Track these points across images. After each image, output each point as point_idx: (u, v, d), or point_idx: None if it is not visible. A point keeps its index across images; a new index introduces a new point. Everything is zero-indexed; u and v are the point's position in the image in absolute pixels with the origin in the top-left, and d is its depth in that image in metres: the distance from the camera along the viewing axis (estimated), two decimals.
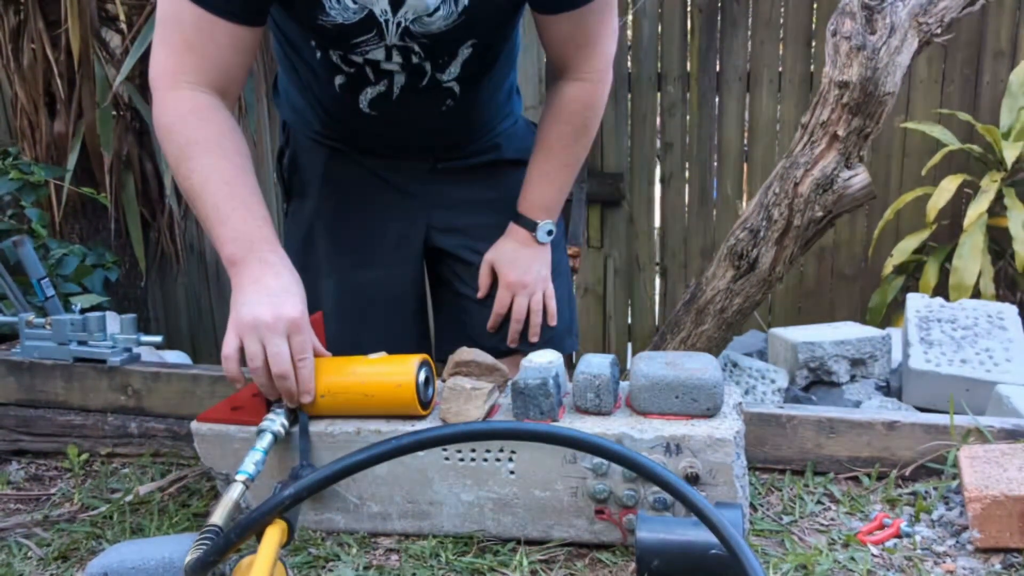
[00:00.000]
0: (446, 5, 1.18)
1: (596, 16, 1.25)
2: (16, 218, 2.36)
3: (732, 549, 0.80)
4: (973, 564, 0.98)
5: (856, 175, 2.01)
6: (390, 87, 1.29)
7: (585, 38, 1.27)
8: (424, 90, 1.30)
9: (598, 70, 1.32)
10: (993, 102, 3.23)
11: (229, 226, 1.07)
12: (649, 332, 3.64)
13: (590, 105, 1.34)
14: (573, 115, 1.34)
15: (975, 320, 2.27)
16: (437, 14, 1.18)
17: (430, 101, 1.33)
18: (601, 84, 1.33)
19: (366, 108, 1.31)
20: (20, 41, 2.78)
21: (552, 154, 1.37)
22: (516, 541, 1.06)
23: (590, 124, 1.37)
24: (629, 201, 3.60)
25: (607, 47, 1.31)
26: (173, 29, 1.12)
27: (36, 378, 1.44)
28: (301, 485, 0.88)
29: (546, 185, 1.38)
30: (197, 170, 1.09)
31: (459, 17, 1.19)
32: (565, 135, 1.36)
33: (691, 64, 3.46)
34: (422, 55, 1.25)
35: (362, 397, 1.07)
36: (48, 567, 1.08)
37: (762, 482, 1.19)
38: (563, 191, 1.40)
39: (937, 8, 1.97)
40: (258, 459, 0.99)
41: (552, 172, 1.38)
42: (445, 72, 1.29)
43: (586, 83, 1.32)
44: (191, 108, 1.11)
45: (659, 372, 1.03)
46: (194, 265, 3.85)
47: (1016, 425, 1.18)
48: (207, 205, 1.08)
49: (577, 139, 1.37)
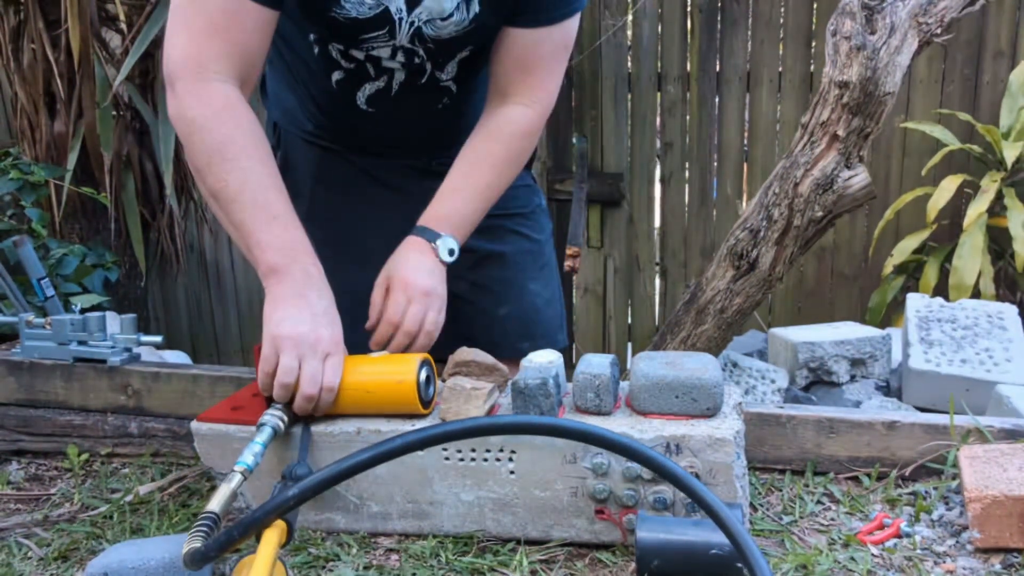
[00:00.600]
0: (459, 11, 1.19)
1: (553, 44, 1.26)
2: (16, 218, 2.36)
3: (740, 547, 0.80)
4: (973, 564, 0.98)
5: (856, 175, 2.01)
6: (389, 83, 1.28)
7: (537, 62, 1.27)
8: (422, 88, 1.31)
9: (541, 100, 1.28)
10: (993, 102, 3.23)
11: (272, 233, 1.06)
12: (649, 332, 3.64)
13: (528, 133, 1.29)
14: (511, 138, 1.28)
15: (975, 320, 2.27)
16: (451, 19, 1.19)
17: (427, 99, 1.33)
18: (541, 117, 1.29)
19: (363, 104, 1.30)
20: (20, 41, 2.78)
21: (476, 171, 1.26)
22: (516, 541, 1.06)
23: (523, 154, 1.30)
24: (629, 201, 3.60)
25: (552, 82, 1.29)
26: (197, 11, 1.07)
27: (36, 378, 1.44)
28: (305, 485, 0.88)
29: (460, 202, 1.24)
30: (234, 172, 1.06)
31: (470, 24, 1.21)
32: (496, 155, 1.27)
33: (691, 64, 3.46)
34: (425, 56, 1.26)
35: (364, 394, 1.07)
36: (48, 567, 1.08)
37: (762, 482, 1.19)
38: (477, 213, 1.26)
39: (937, 8, 1.97)
40: (257, 451, 0.99)
41: (470, 189, 1.25)
42: (443, 71, 1.30)
43: (528, 109, 1.28)
44: (224, 104, 1.07)
45: (659, 372, 1.03)
46: (194, 265, 3.85)
47: (1016, 425, 1.18)
48: (245, 210, 1.05)
49: (507, 164, 1.28)
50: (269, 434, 1.02)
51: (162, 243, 3.24)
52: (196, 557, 0.84)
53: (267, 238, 1.06)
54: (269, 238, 1.06)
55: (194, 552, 0.84)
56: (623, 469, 1.00)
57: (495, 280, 1.49)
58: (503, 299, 1.49)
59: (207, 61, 1.08)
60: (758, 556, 0.78)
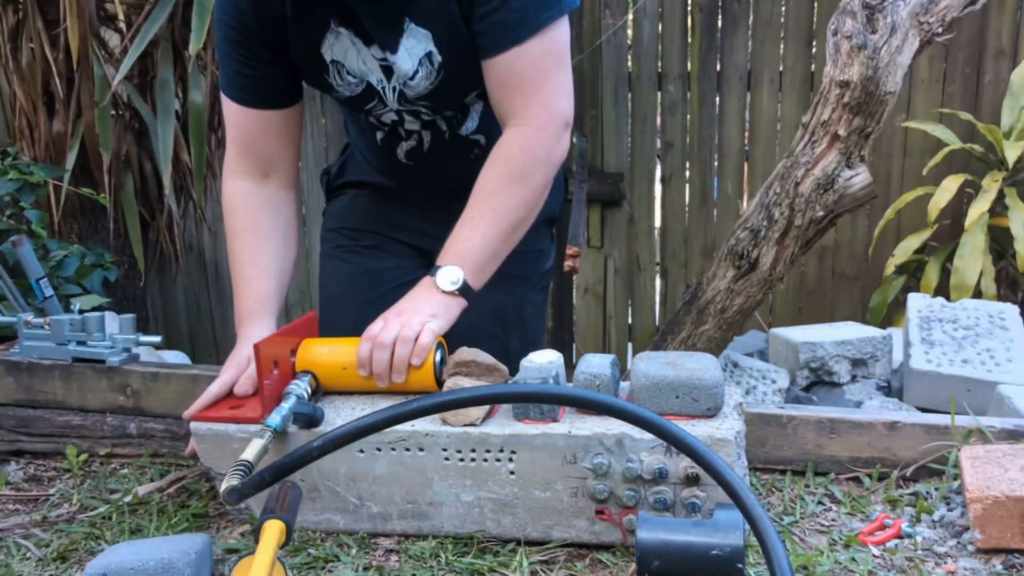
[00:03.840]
0: (423, 67, 1.29)
1: (531, 60, 1.23)
2: (15, 218, 2.35)
3: (759, 530, 0.81)
4: (974, 565, 0.98)
5: (857, 175, 2.00)
6: (420, 142, 1.43)
7: (520, 82, 1.24)
8: (450, 143, 1.42)
9: (538, 116, 1.25)
10: (994, 101, 3.22)
11: (236, 301, 1.32)
12: (649, 332, 3.64)
13: (527, 149, 1.25)
14: (509, 158, 1.25)
15: (976, 320, 2.27)
16: (418, 76, 1.29)
17: (458, 151, 1.42)
18: (542, 131, 1.26)
19: (403, 159, 1.46)
20: (19, 40, 2.78)
21: (478, 199, 1.25)
22: (516, 542, 1.06)
23: (529, 172, 1.26)
24: (629, 201, 3.60)
25: (549, 98, 1.26)
26: (227, 126, 1.36)
27: (35, 378, 1.43)
28: (329, 437, 0.96)
29: (468, 230, 1.24)
30: (231, 252, 1.35)
31: (438, 74, 1.29)
32: (497, 178, 1.25)
33: (691, 63, 3.46)
34: (429, 113, 1.37)
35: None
36: (47, 568, 1.08)
37: (763, 482, 1.19)
38: (488, 242, 1.23)
39: (938, 7, 1.97)
40: (284, 414, 1.06)
41: (477, 218, 1.24)
42: (462, 127, 1.41)
43: (523, 127, 1.26)
44: (229, 198, 1.35)
45: (659, 372, 1.03)
46: (193, 265, 3.85)
47: (1017, 425, 1.17)
48: (233, 276, 1.34)
49: (510, 184, 1.25)
50: (294, 401, 1.08)
51: (161, 243, 3.23)
52: (233, 492, 0.97)
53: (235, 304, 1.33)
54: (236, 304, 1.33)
55: (231, 489, 0.97)
56: (623, 469, 1.00)
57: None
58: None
59: (230, 162, 1.36)
60: (778, 546, 0.78)
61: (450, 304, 1.19)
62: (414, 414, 0.96)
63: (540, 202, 1.30)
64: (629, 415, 0.92)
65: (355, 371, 1.14)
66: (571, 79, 1.30)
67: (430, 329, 1.13)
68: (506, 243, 1.26)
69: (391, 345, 1.12)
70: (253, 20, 1.26)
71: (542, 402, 1.02)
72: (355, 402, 1.15)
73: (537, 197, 1.28)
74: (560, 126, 1.28)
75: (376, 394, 1.16)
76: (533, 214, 1.29)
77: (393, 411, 0.95)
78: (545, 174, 1.28)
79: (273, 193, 1.36)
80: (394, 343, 1.12)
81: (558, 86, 1.27)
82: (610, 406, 0.93)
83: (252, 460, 1.00)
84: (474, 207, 1.25)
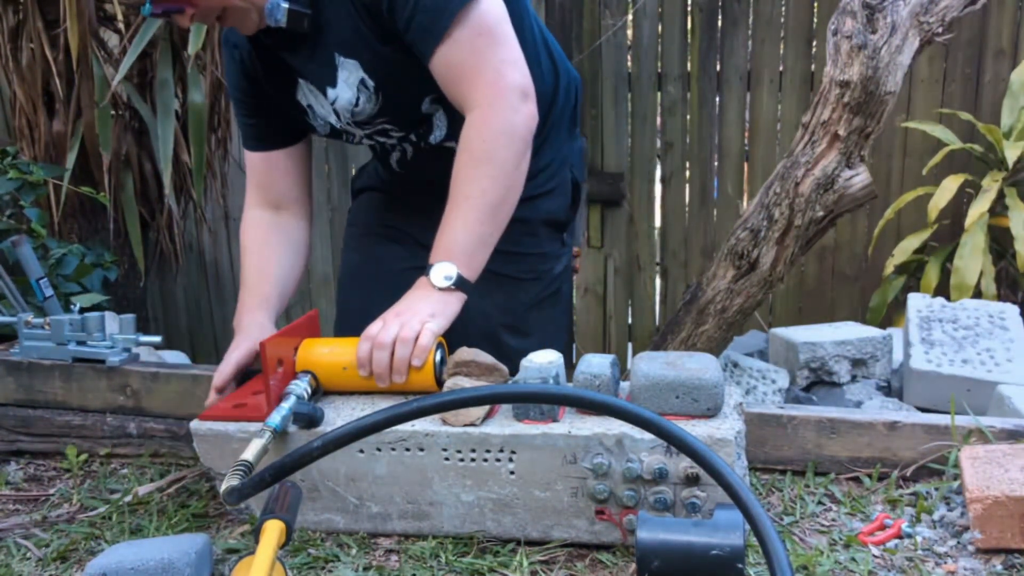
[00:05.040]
0: (362, 93, 1.36)
1: (461, 48, 1.25)
2: (15, 218, 2.35)
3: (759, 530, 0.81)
4: (974, 565, 0.98)
5: (857, 175, 2.00)
6: (404, 153, 1.51)
7: (461, 72, 1.26)
8: (429, 152, 1.47)
9: (485, 95, 1.26)
10: (994, 101, 3.22)
11: (238, 304, 1.42)
12: (649, 332, 3.64)
13: (483, 129, 1.26)
14: (468, 142, 1.27)
15: (976, 320, 2.26)
16: (360, 101, 1.37)
17: (438, 157, 1.44)
18: (493, 108, 1.26)
19: (396, 167, 1.55)
20: (19, 40, 2.77)
21: (454, 189, 1.27)
22: (516, 542, 1.06)
23: (491, 150, 1.26)
24: (629, 201, 3.60)
25: (492, 75, 1.26)
26: (246, 167, 1.53)
27: (35, 378, 1.43)
28: (329, 437, 0.96)
29: (450, 224, 1.26)
30: (241, 267, 1.47)
31: (377, 94, 1.36)
32: (463, 166, 1.27)
33: (691, 63, 3.46)
34: (397, 129, 1.44)
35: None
36: (47, 568, 1.08)
37: (763, 482, 1.19)
38: (470, 229, 1.25)
39: (938, 7, 1.97)
40: (284, 414, 1.07)
41: (454, 209, 1.26)
42: (431, 137, 1.45)
43: (475, 110, 1.27)
44: (245, 224, 1.50)
45: (659, 372, 1.03)
46: (193, 265, 3.84)
47: (1017, 425, 1.17)
48: (241, 290, 1.44)
49: (476, 167, 1.26)
50: (294, 400, 1.09)
51: (161, 243, 3.23)
52: (233, 492, 0.97)
53: (239, 302, 1.42)
54: (240, 302, 1.42)
55: (231, 489, 0.97)
56: (623, 469, 1.00)
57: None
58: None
59: (248, 195, 1.52)
60: (780, 551, 0.78)
61: (448, 301, 1.20)
62: (414, 414, 0.96)
63: (516, 177, 1.29)
64: (629, 415, 0.92)
65: (355, 371, 1.14)
66: (515, 49, 1.29)
67: (429, 329, 1.14)
68: (490, 226, 1.27)
69: (391, 345, 1.12)
70: (243, 79, 1.45)
71: (542, 402, 1.03)
72: (355, 402, 1.15)
73: (508, 173, 1.28)
74: (513, 98, 1.27)
75: (376, 394, 1.16)
76: (513, 192, 1.29)
77: (393, 411, 0.95)
78: (509, 148, 1.27)
79: (285, 220, 1.50)
80: (394, 343, 1.12)
81: (499, 62, 1.27)
82: (610, 406, 0.93)
83: (252, 460, 1.00)
84: (451, 200, 1.27)
